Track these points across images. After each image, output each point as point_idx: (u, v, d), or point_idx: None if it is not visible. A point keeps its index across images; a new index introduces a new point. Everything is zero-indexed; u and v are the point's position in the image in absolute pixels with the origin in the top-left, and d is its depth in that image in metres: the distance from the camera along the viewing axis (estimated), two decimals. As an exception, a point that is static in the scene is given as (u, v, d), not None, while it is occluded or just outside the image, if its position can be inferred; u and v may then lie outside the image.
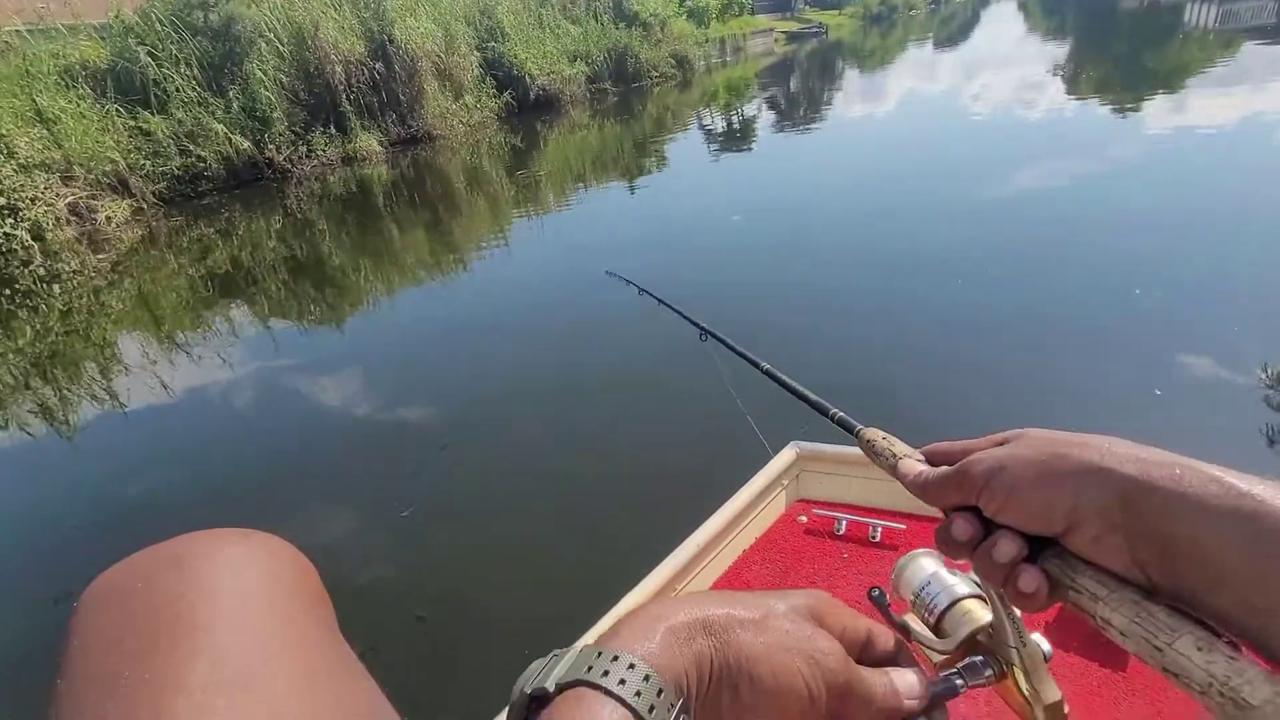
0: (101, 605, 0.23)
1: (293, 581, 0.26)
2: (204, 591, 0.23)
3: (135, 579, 0.24)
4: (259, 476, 2.74)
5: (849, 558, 1.20)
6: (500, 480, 2.45)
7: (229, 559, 0.25)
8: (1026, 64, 13.01)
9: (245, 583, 0.24)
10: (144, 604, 0.23)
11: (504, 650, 1.60)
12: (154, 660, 0.21)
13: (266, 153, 9.26)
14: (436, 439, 2.77)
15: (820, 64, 19.16)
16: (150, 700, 0.19)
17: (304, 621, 0.24)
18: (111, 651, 0.21)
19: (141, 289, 5.69)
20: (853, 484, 1.33)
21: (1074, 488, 0.25)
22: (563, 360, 3.43)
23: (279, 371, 3.89)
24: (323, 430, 3.05)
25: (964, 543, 0.29)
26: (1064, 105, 8.58)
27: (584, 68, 14.14)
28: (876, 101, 11.76)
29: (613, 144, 9.92)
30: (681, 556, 1.16)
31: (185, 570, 0.24)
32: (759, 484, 1.30)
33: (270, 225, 7.20)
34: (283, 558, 0.26)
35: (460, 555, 2.06)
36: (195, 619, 0.22)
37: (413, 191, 8.17)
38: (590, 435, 2.70)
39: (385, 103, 10.77)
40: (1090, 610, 0.25)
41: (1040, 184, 5.26)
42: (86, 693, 0.21)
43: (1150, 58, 11.45)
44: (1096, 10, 23.98)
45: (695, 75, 17.09)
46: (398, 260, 5.82)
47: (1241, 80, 8.25)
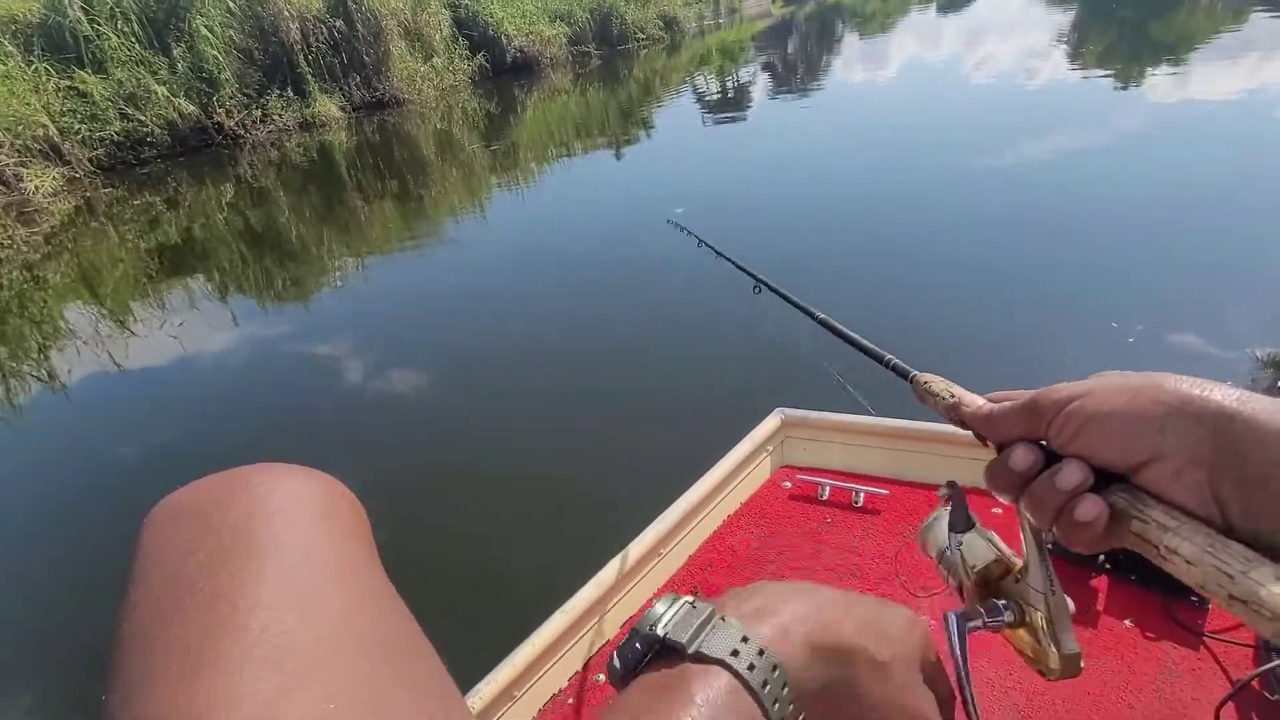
0: (173, 521, 0.26)
1: (349, 519, 0.28)
2: (272, 514, 0.25)
3: (206, 499, 0.26)
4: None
5: (832, 522, 1.29)
6: (531, 440, 2.57)
7: (293, 489, 0.27)
8: (1035, 31, 13.20)
9: (308, 512, 0.26)
10: (216, 521, 0.25)
11: (507, 595, 1.72)
12: (228, 573, 0.23)
13: (215, 117, 9.10)
14: (450, 403, 2.91)
15: (819, 28, 19.23)
16: (228, 612, 0.21)
17: (356, 553, 0.26)
18: (186, 562, 0.23)
19: (82, 263, 5.59)
20: (836, 450, 1.42)
21: (1164, 417, 0.26)
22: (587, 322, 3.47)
23: (273, 342, 3.88)
24: (329, 393, 3.19)
25: (1021, 472, 0.30)
26: (1084, 74, 8.70)
27: (565, 29, 14.04)
28: (880, 68, 11.85)
29: (598, 111, 9.89)
30: (667, 520, 1.22)
31: (254, 494, 0.26)
32: (744, 449, 1.38)
33: (221, 195, 7.09)
34: (339, 495, 0.29)
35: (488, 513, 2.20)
36: (265, 538, 0.24)
37: (379, 159, 8.08)
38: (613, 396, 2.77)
39: (348, 64, 10.62)
40: (1156, 540, 0.26)
41: (1062, 149, 5.38)
42: (162, 599, 0.22)
43: (1158, 28, 11.66)
44: None
45: (685, 38, 17.05)
46: (364, 232, 5.78)
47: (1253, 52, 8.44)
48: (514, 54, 12.92)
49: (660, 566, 1.21)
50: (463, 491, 2.30)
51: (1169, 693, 0.94)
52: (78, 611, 1.93)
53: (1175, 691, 0.94)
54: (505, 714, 1.00)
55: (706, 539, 1.30)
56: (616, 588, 1.13)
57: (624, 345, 3.19)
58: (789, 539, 1.25)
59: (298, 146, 9.06)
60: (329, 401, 3.11)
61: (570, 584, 1.11)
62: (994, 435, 0.33)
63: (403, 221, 5.93)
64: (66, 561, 2.22)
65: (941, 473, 1.29)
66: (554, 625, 1.05)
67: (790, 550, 1.22)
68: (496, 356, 3.25)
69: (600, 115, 9.53)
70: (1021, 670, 0.99)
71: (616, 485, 2.17)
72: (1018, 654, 0.34)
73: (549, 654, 1.04)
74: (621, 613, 1.16)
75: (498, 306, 3.84)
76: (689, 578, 1.22)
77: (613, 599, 1.13)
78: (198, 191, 7.35)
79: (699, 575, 1.22)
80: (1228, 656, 0.96)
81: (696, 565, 1.25)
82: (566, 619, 1.07)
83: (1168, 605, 1.03)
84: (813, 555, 1.20)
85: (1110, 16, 13.66)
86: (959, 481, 0.39)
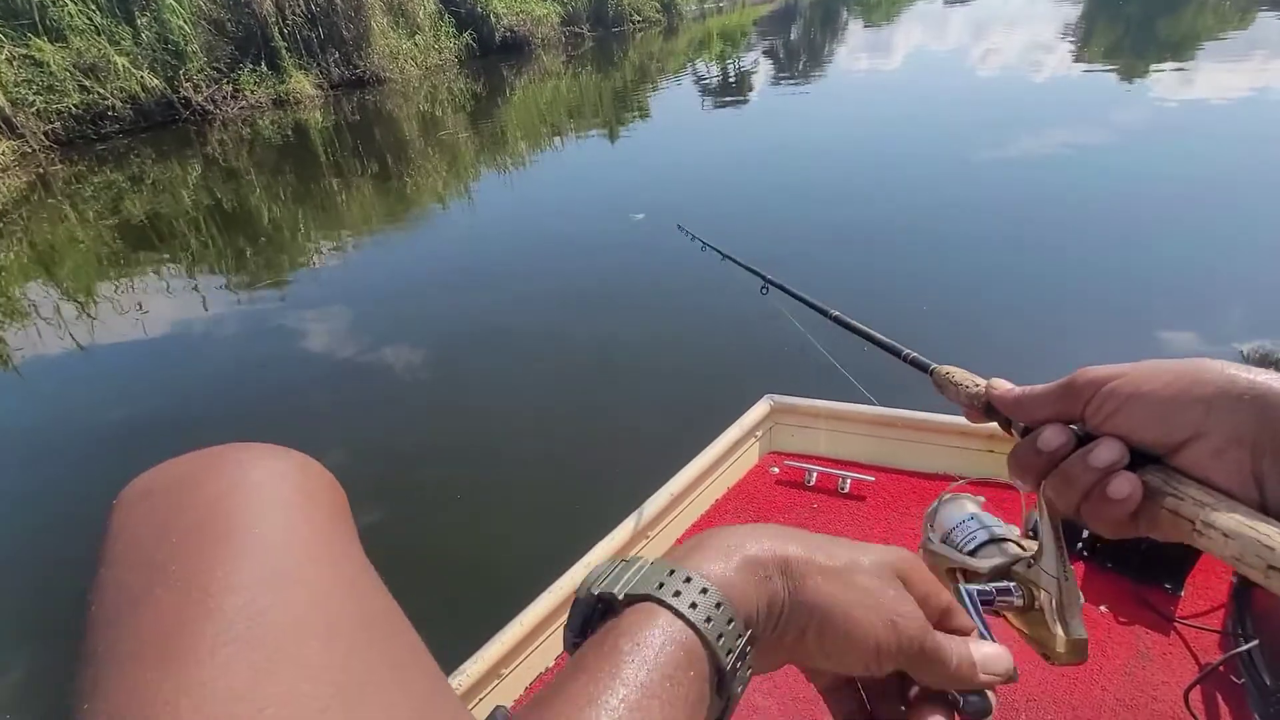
0: (146, 501, 0.26)
1: (327, 499, 0.29)
2: (246, 494, 0.26)
3: (180, 478, 0.27)
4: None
5: (819, 508, 1.37)
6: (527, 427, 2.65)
7: (268, 468, 0.28)
8: (1041, 24, 13.47)
9: (285, 492, 0.27)
10: (189, 500, 0.26)
11: (502, 571, 1.83)
12: (202, 555, 0.23)
13: (181, 91, 9.05)
14: (448, 400, 2.94)
15: (823, 15, 19.47)
16: (200, 595, 0.22)
17: (337, 535, 0.27)
18: (159, 543, 0.24)
19: (35, 241, 5.55)
20: (823, 436, 1.50)
21: (1210, 397, 0.27)
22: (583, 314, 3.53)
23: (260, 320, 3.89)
24: (303, 373, 3.28)
25: (1051, 452, 0.31)
26: (1090, 69, 8.91)
27: (558, 8, 14.09)
28: (885, 58, 12.02)
29: (590, 95, 9.95)
30: (655, 504, 1.28)
31: (228, 473, 0.27)
32: (733, 435, 1.45)
33: (188, 173, 7.06)
34: (315, 474, 0.29)
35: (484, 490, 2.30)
36: (239, 518, 0.25)
37: (358, 139, 8.08)
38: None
39: (326, 39, 10.60)
40: (1191, 515, 0.27)
41: (1068, 144, 5.53)
42: (133, 581, 0.23)
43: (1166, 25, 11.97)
44: None
45: (682, 21, 17.16)
46: (340, 214, 5.79)
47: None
48: (503, 33, 12.95)
49: (647, 549, 1.27)
50: (449, 474, 2.36)
51: (1140, 676, 1.02)
52: (47, 591, 1.98)
53: (1146, 675, 1.02)
54: (492, 692, 1.07)
55: (694, 522, 1.36)
56: None
57: (617, 332, 3.28)
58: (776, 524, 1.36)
59: (271, 124, 9.02)
60: (304, 382, 3.17)
61: (559, 565, 1.16)
62: (1023, 417, 0.34)
63: (381, 203, 5.95)
64: (34, 545, 2.25)
65: (927, 460, 1.42)
66: (542, 605, 1.10)
67: None
68: (481, 340, 3.34)
69: (594, 100, 9.59)
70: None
71: (606, 468, 2.24)
72: (1023, 638, 0.35)
73: (536, 633, 1.09)
74: None
75: (482, 290, 3.93)
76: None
77: None
78: (163, 169, 7.31)
79: None
80: (1197, 642, 1.05)
81: None
82: (554, 599, 1.11)
83: (1140, 591, 1.12)
84: None
85: (1117, 12, 13.96)
86: (952, 471, 0.43)
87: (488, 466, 2.39)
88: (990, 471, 1.35)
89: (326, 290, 4.32)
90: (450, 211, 5.64)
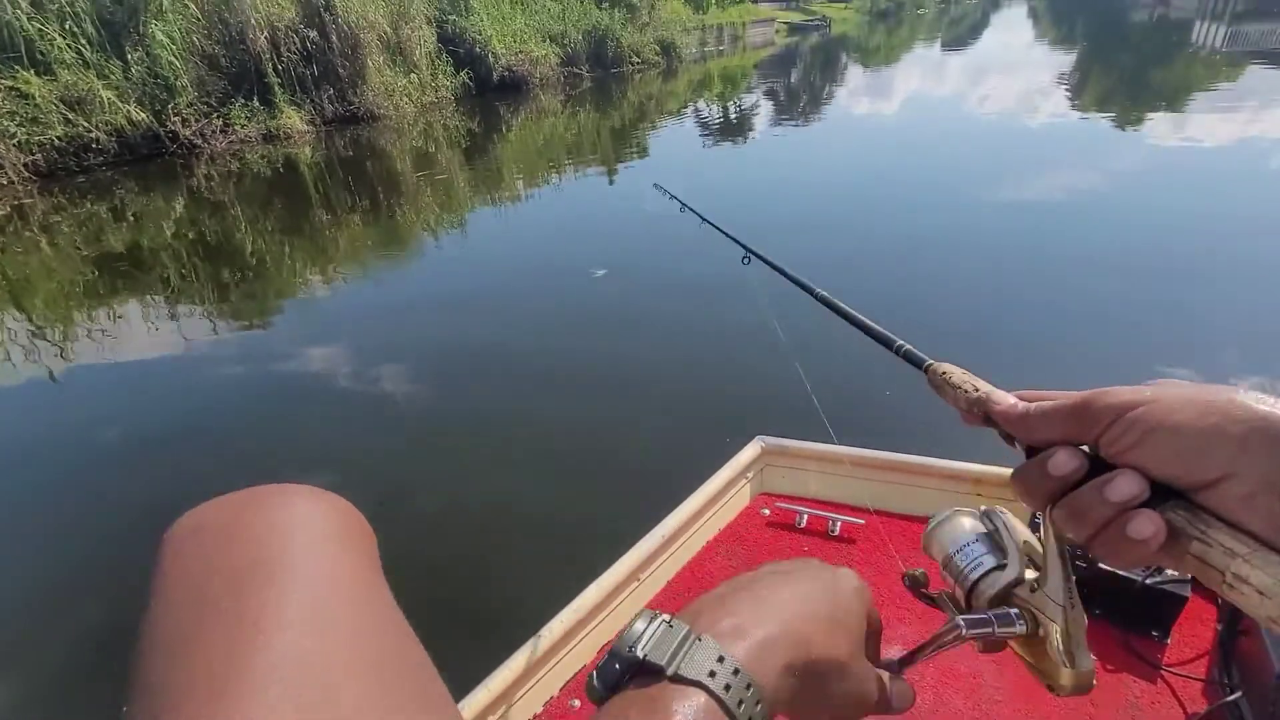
0: (196, 537, 0.28)
1: (361, 540, 0.31)
2: (292, 535, 0.28)
3: (229, 517, 0.29)
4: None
5: (809, 551, 1.44)
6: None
7: (309, 511, 0.30)
8: (1038, 69, 14.24)
9: (325, 533, 0.29)
10: (238, 538, 0.28)
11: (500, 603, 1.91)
12: (251, 593, 0.25)
13: (169, 125, 9.37)
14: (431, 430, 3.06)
15: (824, 60, 20.48)
16: (253, 630, 0.23)
17: (370, 577, 0.29)
18: (209, 581, 0.26)
19: (8, 273, 5.65)
20: (813, 479, 1.57)
21: (1242, 435, 0.26)
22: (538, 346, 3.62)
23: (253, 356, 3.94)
24: (291, 403, 3.42)
25: (1062, 478, 0.30)
26: (1085, 116, 9.40)
27: (557, 49, 14.78)
28: (884, 100, 12.59)
29: (588, 134, 10.34)
30: (646, 546, 1.34)
31: (274, 513, 0.29)
32: (724, 476, 1.52)
33: (172, 207, 7.25)
34: (350, 517, 0.32)
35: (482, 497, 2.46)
36: (284, 559, 0.27)
37: (349, 174, 8.34)
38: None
39: (321, 75, 11.07)
40: (1220, 566, 0.26)
41: (1054, 186, 5.82)
42: (186, 616, 0.24)
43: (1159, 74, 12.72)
44: (1106, 21, 27.15)
45: (681, 64, 17.98)
46: (328, 249, 5.93)
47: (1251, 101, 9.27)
48: (501, 73, 13.53)
49: (638, 592, 1.32)
50: (432, 515, 2.41)
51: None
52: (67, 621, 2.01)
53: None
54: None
55: (684, 565, 1.42)
56: (593, 613, 1.23)
57: (611, 366, 3.42)
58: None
59: (261, 158, 9.30)
60: (285, 411, 3.27)
61: (547, 609, 1.20)
62: (1029, 437, 0.33)
63: (372, 239, 6.11)
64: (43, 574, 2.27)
65: (915, 503, 1.50)
66: (532, 650, 1.13)
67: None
68: (477, 375, 3.46)
69: (591, 139, 9.96)
70: (982, 689, 1.11)
71: (596, 509, 2.32)
72: (1027, 667, 0.35)
73: (524, 679, 1.12)
74: (598, 638, 1.25)
75: (476, 326, 4.05)
76: (666, 604, 1.33)
77: (589, 624, 1.23)
78: (146, 202, 7.50)
79: (676, 602, 1.33)
80: (1184, 690, 1.08)
81: (673, 591, 1.36)
82: (543, 644, 1.15)
83: (1127, 639, 1.16)
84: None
85: (1111, 61, 14.80)
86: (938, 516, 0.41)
87: (470, 507, 2.45)
88: None
89: (311, 321, 4.41)
90: (438, 245, 5.80)
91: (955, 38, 26.66)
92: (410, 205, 7.05)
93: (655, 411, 2.97)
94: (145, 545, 0.30)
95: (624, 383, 3.26)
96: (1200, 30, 19.90)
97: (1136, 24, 25.43)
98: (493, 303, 4.37)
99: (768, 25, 25.19)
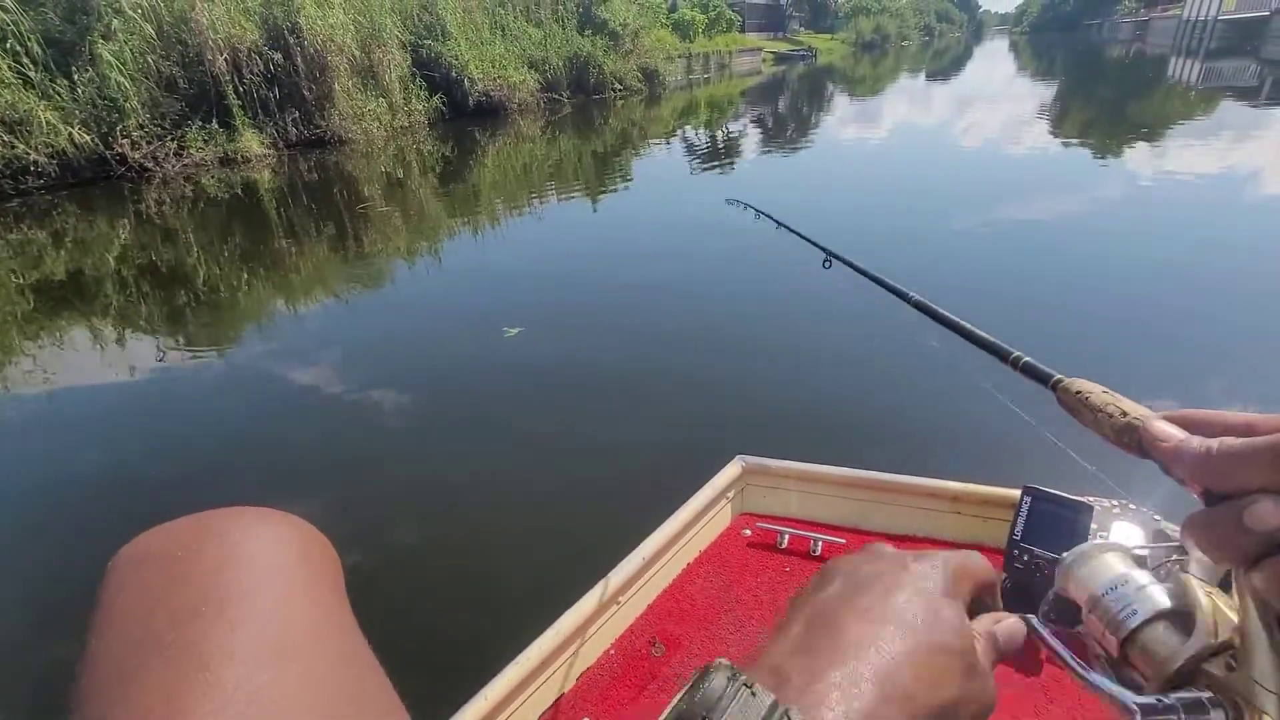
0: (140, 568, 0.28)
1: (321, 565, 0.30)
2: (245, 563, 0.28)
3: (176, 545, 0.28)
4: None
5: (791, 571, 1.47)
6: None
7: (267, 536, 0.29)
8: (1023, 100, 14.94)
9: (282, 560, 0.29)
10: (188, 569, 0.27)
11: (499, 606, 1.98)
12: (199, 625, 0.24)
13: (116, 147, 9.31)
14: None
15: (809, 88, 21.35)
16: (198, 668, 0.23)
17: (332, 605, 0.29)
18: (155, 614, 0.25)
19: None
20: (794, 498, 1.62)
21: None
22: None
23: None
24: (273, 420, 3.43)
25: (1268, 533, 0.26)
26: (1066, 143, 9.80)
27: (536, 75, 15.17)
28: (873, 126, 13.04)
29: (570, 160, 10.50)
30: (627, 569, 1.36)
31: (227, 541, 0.28)
32: (705, 497, 1.57)
33: (116, 231, 7.13)
34: (312, 541, 0.31)
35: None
36: (238, 588, 0.26)
37: (312, 200, 8.31)
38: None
39: (286, 98, 11.17)
40: None
41: (1014, 216, 5.99)
42: (127, 654, 0.24)
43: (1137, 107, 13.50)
44: (1084, 56, 29.15)
45: (665, 91, 18.56)
46: (287, 274, 5.83)
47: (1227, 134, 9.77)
48: (478, 97, 13.80)
49: (619, 616, 1.34)
50: (404, 541, 2.42)
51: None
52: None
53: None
54: None
55: (665, 588, 1.45)
56: (570, 639, 1.24)
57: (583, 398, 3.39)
58: (747, 588, 1.43)
59: (219, 182, 9.26)
60: (237, 437, 3.24)
61: (524, 636, 1.19)
62: (1212, 480, 0.28)
63: (335, 265, 6.02)
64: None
65: (894, 522, 1.55)
66: (506, 679, 1.12)
67: (749, 599, 1.39)
68: (444, 400, 3.48)
69: (573, 166, 10.10)
70: None
71: (574, 536, 2.35)
72: None
73: (499, 709, 1.11)
74: (577, 665, 1.25)
75: (439, 348, 4.12)
76: (647, 628, 1.35)
77: (566, 651, 1.23)
78: (88, 227, 7.38)
79: (657, 625, 1.35)
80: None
81: (655, 615, 1.38)
82: (520, 672, 1.14)
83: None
84: (769, 604, 1.37)
85: (1090, 94, 15.67)
86: (921, 533, 0.36)
87: (442, 534, 2.46)
88: (954, 534, 1.47)
89: (270, 347, 4.31)
90: (408, 270, 5.74)
91: (939, 69, 28.09)
92: (375, 232, 7.02)
93: (642, 430, 3.01)
94: (87, 578, 0.29)
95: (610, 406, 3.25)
96: (1176, 66, 21.24)
97: (1113, 59, 27.15)
98: (455, 330, 4.36)
99: (754, 54, 26.25)
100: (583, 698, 1.21)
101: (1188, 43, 28.53)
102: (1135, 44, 32.00)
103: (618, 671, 1.25)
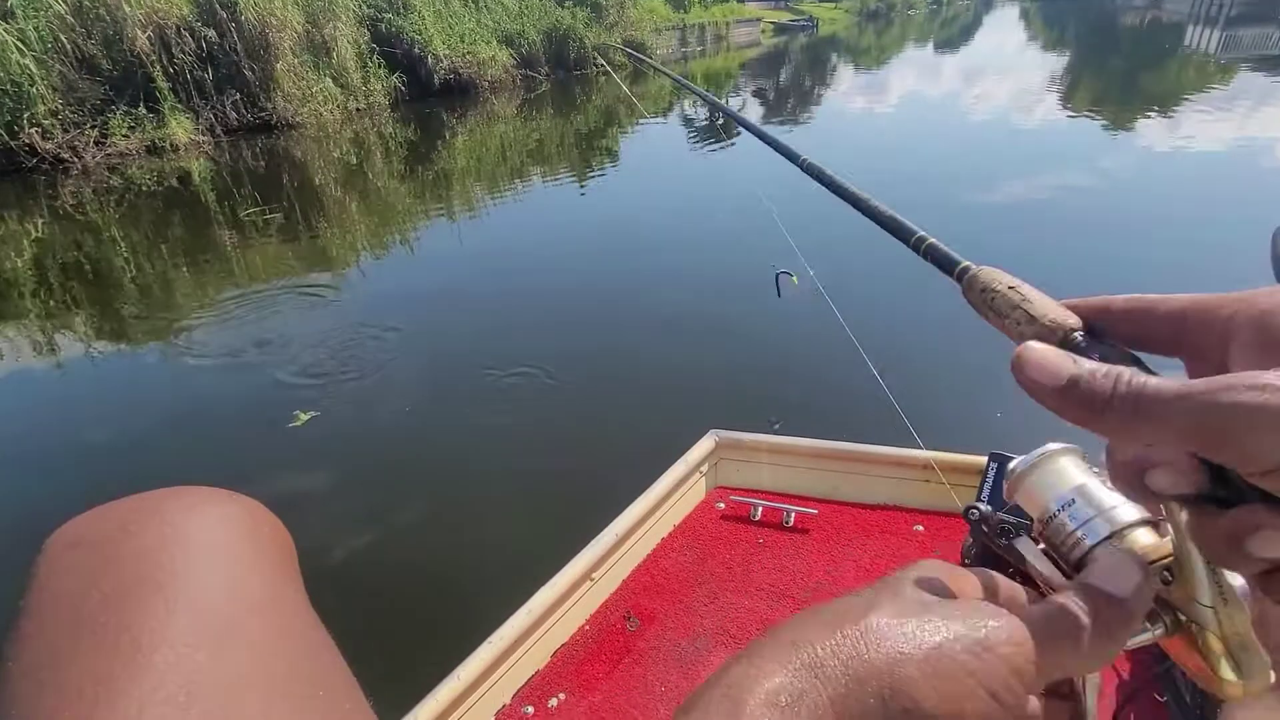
0: (74, 550, 0.28)
1: (271, 545, 0.32)
2: (185, 543, 0.29)
3: (112, 526, 0.29)
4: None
5: (764, 542, 1.63)
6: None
7: (212, 515, 0.31)
8: (1030, 71, 15.14)
9: (227, 539, 0.30)
10: (123, 551, 0.28)
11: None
12: (133, 609, 0.25)
13: (22, 137, 9.08)
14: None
15: (812, 58, 21.52)
16: (130, 650, 0.24)
17: (281, 584, 0.30)
18: (88, 597, 0.26)
19: None
20: (766, 471, 1.80)
21: None
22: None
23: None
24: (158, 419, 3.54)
25: (1166, 492, 0.25)
26: (1075, 116, 9.82)
27: (510, 51, 15.11)
28: (881, 97, 13.06)
29: (551, 141, 10.40)
30: (601, 545, 1.49)
31: (167, 521, 0.29)
32: (678, 472, 1.71)
33: (28, 229, 6.97)
34: (262, 521, 0.33)
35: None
36: (176, 569, 0.27)
37: (258, 189, 8.13)
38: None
39: (225, 79, 11.00)
40: None
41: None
42: (60, 638, 0.25)
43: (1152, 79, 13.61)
44: (1097, 24, 29.81)
45: (649, 69, 18.61)
46: (221, 271, 5.66)
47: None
48: (445, 75, 13.70)
49: (593, 592, 1.47)
50: (376, 520, 2.57)
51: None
52: None
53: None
54: None
55: (640, 562, 1.59)
56: (545, 615, 1.35)
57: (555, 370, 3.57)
58: (721, 560, 1.58)
59: (148, 173, 9.07)
60: (161, 428, 3.37)
61: (499, 613, 1.28)
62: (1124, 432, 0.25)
63: (278, 261, 5.88)
64: None
65: (867, 491, 1.71)
66: (481, 658, 1.23)
67: (723, 571, 1.55)
68: (413, 380, 3.66)
69: (553, 148, 10.00)
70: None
71: (548, 510, 2.53)
72: (1183, 667, 0.31)
73: (474, 687, 1.22)
74: (552, 642, 1.38)
75: (411, 331, 4.24)
76: (621, 603, 1.49)
77: (541, 627, 1.34)
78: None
79: (631, 600, 1.49)
80: (1123, 663, 1.11)
81: (629, 589, 1.52)
82: (494, 650, 1.25)
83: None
84: (744, 576, 1.52)
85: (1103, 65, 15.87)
86: (892, 501, 0.62)
87: (416, 511, 2.62)
88: (927, 502, 1.62)
89: (213, 339, 4.32)
90: (361, 263, 5.70)
91: (947, 39, 28.47)
92: (329, 223, 6.89)
93: (613, 407, 3.24)
94: (23, 563, 0.29)
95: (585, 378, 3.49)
96: (1193, 34, 21.41)
97: (1128, 28, 27.58)
98: (424, 316, 4.51)
99: (753, 25, 26.51)
100: (558, 673, 1.33)
101: (1206, 9, 28.91)
102: (1150, 11, 32.59)
103: (593, 647, 1.38)
